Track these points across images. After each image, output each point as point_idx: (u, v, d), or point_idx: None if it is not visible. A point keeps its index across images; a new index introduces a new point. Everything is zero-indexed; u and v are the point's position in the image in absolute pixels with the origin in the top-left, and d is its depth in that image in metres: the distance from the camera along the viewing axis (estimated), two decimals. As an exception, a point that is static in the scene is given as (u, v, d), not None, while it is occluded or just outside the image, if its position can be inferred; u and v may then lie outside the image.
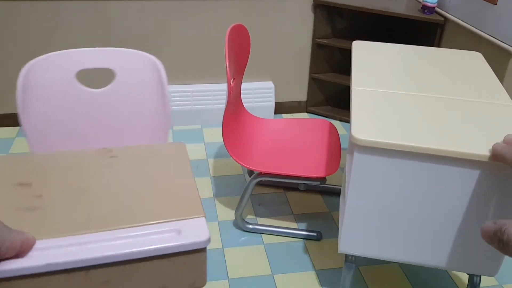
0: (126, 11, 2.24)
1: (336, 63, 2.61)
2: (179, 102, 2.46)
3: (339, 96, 2.72)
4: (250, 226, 1.77)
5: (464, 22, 2.02)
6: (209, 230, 0.66)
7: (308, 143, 1.76)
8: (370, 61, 1.48)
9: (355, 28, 2.56)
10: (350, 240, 1.19)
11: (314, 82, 2.63)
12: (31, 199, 0.66)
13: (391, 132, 1.05)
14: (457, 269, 1.19)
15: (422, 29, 2.36)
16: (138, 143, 0.83)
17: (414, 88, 1.29)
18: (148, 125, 1.30)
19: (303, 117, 2.67)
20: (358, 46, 1.61)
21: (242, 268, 1.61)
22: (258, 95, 2.54)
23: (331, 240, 1.76)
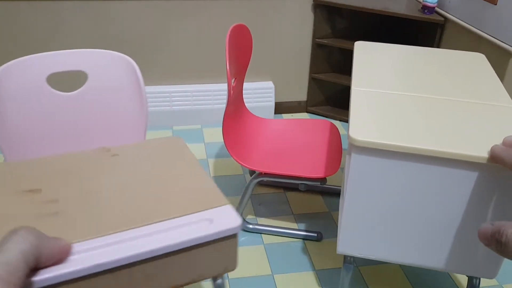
0: (126, 11, 2.24)
1: (336, 63, 2.61)
2: (179, 102, 2.46)
3: (339, 96, 2.72)
4: (250, 226, 1.78)
5: (464, 22, 2.02)
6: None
7: (309, 144, 1.76)
8: (371, 61, 1.48)
9: (355, 28, 2.56)
10: (348, 241, 1.19)
11: (314, 82, 2.63)
12: (48, 204, 0.64)
13: (389, 133, 1.05)
14: (456, 271, 1.19)
15: (422, 29, 2.35)
16: (116, 144, 0.81)
17: (414, 89, 1.28)
18: (125, 125, 1.28)
19: (303, 117, 2.67)
20: (360, 46, 1.61)
21: (242, 268, 1.61)
22: (258, 95, 2.54)
23: (331, 240, 1.76)
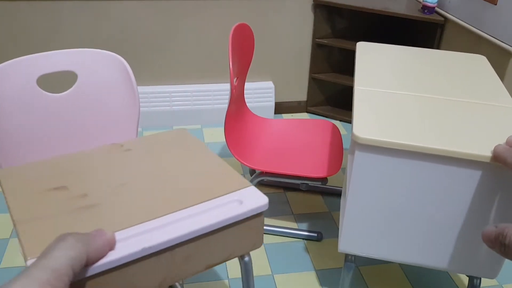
0: (126, 11, 2.24)
1: (336, 63, 2.61)
2: (179, 102, 2.46)
3: (339, 96, 2.72)
4: (250, 226, 1.77)
5: (464, 22, 2.02)
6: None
7: (310, 144, 1.76)
8: (373, 62, 1.48)
9: (355, 28, 2.56)
10: (349, 239, 1.18)
11: (314, 82, 2.63)
12: (79, 199, 0.64)
13: (392, 131, 1.05)
14: (457, 271, 1.19)
15: (422, 29, 2.36)
16: (109, 142, 0.82)
17: (416, 89, 1.29)
18: (117, 123, 1.27)
19: (303, 117, 2.67)
20: (362, 47, 1.61)
21: (242, 268, 1.61)
22: (258, 95, 2.54)
23: (331, 240, 1.76)
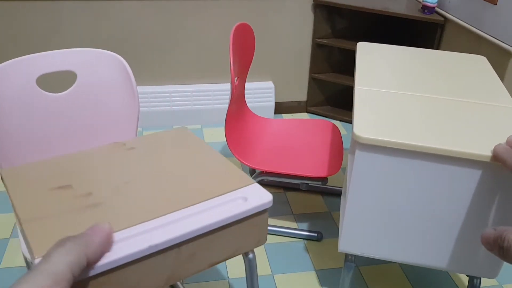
0: (126, 11, 2.24)
1: (336, 63, 2.61)
2: (179, 102, 2.46)
3: (339, 96, 2.72)
4: (250, 226, 1.77)
5: (464, 22, 2.02)
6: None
7: (311, 143, 1.76)
8: (374, 61, 1.48)
9: (355, 28, 2.56)
10: (350, 239, 1.18)
11: (314, 82, 2.63)
12: (83, 198, 0.64)
13: (393, 130, 1.05)
14: (457, 271, 1.19)
15: (422, 29, 2.36)
16: (108, 142, 0.82)
17: (416, 89, 1.29)
18: (117, 123, 1.27)
19: (303, 117, 2.67)
20: (362, 47, 1.61)
21: (242, 268, 1.61)
22: (258, 95, 2.54)
23: (331, 240, 1.76)
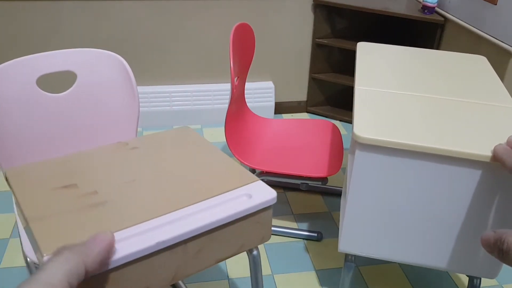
0: (126, 11, 2.24)
1: (336, 63, 2.61)
2: (179, 102, 2.46)
3: (339, 96, 2.72)
4: (250, 226, 1.77)
5: (464, 22, 2.02)
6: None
7: (311, 143, 1.76)
8: (374, 62, 1.48)
9: (355, 28, 2.56)
10: (350, 239, 1.18)
11: (314, 82, 2.63)
12: (89, 197, 0.64)
13: (393, 130, 1.05)
14: (457, 271, 1.19)
15: (422, 29, 2.36)
16: (109, 142, 0.82)
17: (416, 89, 1.29)
18: (117, 123, 1.27)
19: (303, 117, 2.67)
20: (362, 47, 1.61)
21: (242, 268, 1.61)
22: (258, 95, 2.54)
23: (331, 240, 1.76)
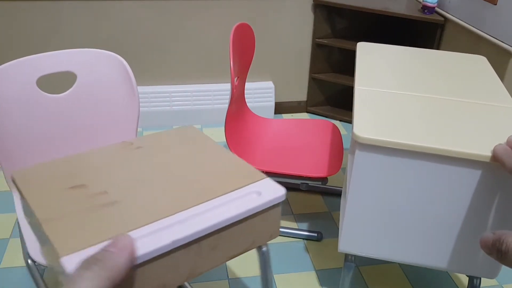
0: (126, 11, 2.24)
1: (336, 63, 2.61)
2: (179, 102, 2.46)
3: (339, 96, 2.72)
4: (250, 226, 1.77)
5: (464, 22, 2.02)
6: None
7: (311, 143, 1.76)
8: (374, 62, 1.48)
9: (355, 28, 2.56)
10: (350, 239, 1.18)
11: (314, 82, 2.63)
12: (100, 196, 0.64)
13: (393, 130, 1.05)
14: (457, 271, 1.19)
15: (422, 29, 2.36)
16: (108, 142, 0.82)
17: (416, 89, 1.29)
18: (117, 123, 1.27)
19: (303, 117, 2.67)
20: (362, 47, 1.61)
21: (242, 268, 1.61)
22: (258, 95, 2.54)
23: (331, 240, 1.76)
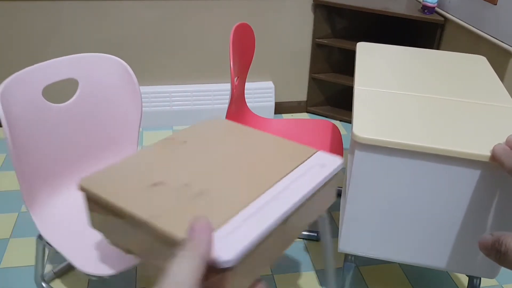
0: (126, 11, 2.24)
1: (336, 63, 2.61)
2: (179, 102, 2.46)
3: (339, 96, 2.72)
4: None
5: (464, 22, 2.02)
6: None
7: (311, 143, 1.76)
8: (373, 62, 1.48)
9: (355, 28, 2.56)
10: (349, 239, 1.18)
11: (314, 82, 2.63)
12: (184, 189, 0.64)
13: (392, 130, 1.05)
14: (456, 271, 1.19)
15: (422, 29, 2.36)
16: (113, 144, 0.82)
17: (416, 89, 1.29)
18: (121, 125, 1.27)
19: (303, 117, 2.67)
20: (362, 47, 1.61)
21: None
22: (258, 95, 2.54)
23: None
